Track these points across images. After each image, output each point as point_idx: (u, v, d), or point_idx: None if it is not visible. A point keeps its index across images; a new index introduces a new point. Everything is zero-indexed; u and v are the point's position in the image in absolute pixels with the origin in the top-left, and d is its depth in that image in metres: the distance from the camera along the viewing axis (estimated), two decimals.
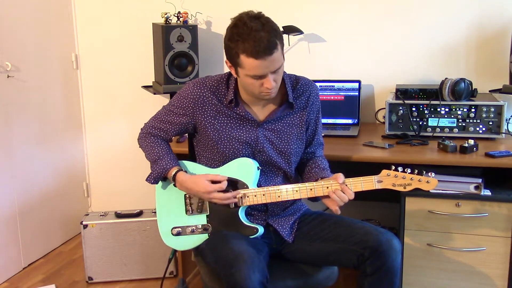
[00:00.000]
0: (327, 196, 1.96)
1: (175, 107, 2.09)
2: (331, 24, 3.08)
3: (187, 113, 2.07)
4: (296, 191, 1.98)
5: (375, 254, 1.88)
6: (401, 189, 1.92)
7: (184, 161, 2.16)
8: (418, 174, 1.90)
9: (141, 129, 2.21)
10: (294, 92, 2.09)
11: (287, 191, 1.99)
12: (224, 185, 2.01)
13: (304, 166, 2.17)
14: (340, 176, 1.94)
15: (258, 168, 2.04)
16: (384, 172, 1.92)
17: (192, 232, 2.09)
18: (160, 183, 2.14)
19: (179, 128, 2.11)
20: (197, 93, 2.05)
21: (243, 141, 2.05)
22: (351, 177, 1.94)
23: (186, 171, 2.09)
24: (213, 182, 2.01)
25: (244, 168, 2.04)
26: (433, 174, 1.89)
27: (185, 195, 2.11)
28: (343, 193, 1.92)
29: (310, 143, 2.16)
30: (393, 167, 1.91)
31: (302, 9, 3.10)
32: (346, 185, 1.93)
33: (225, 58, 1.96)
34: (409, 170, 1.90)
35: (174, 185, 2.08)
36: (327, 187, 1.94)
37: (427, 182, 1.90)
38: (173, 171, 2.07)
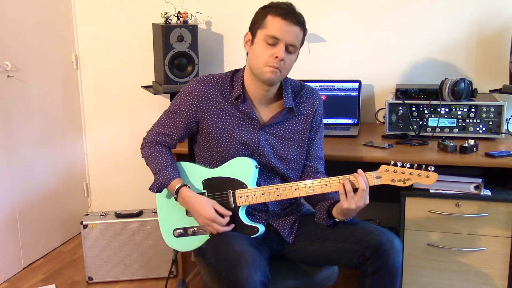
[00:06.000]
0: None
1: (178, 106, 2.06)
2: (331, 24, 3.08)
3: (190, 111, 2.04)
4: (295, 189, 1.97)
5: (377, 254, 1.88)
6: (400, 184, 1.88)
7: (183, 162, 2.15)
8: (417, 168, 1.87)
9: (144, 138, 2.17)
10: (297, 98, 2.08)
11: (285, 190, 1.98)
12: (225, 221, 1.99)
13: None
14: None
15: (256, 167, 2.02)
16: (383, 167, 1.90)
17: (194, 233, 2.09)
18: None
19: (183, 130, 2.08)
20: (201, 90, 2.03)
21: (244, 142, 2.03)
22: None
23: (189, 187, 2.06)
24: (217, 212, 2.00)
25: (243, 168, 2.03)
26: (432, 168, 1.86)
27: None
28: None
29: (307, 153, 2.12)
30: (392, 162, 1.89)
31: (302, 9, 3.08)
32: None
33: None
34: (408, 165, 1.87)
35: (176, 199, 2.06)
36: (326, 184, 1.94)
37: (427, 176, 1.86)
38: (176, 184, 2.04)
